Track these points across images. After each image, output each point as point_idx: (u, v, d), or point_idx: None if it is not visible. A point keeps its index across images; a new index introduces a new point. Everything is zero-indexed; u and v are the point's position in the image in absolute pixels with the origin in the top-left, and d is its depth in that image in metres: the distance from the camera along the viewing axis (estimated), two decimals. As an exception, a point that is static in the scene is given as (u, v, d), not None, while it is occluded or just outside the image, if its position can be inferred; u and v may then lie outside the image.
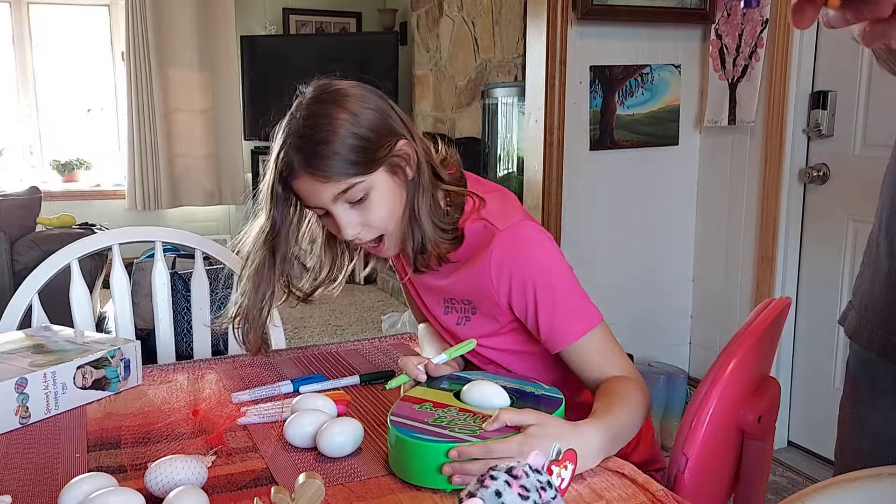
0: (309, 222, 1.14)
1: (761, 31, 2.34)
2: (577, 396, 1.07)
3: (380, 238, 1.05)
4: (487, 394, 0.90)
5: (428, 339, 1.20)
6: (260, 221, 1.08)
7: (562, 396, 0.92)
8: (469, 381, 0.95)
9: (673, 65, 2.58)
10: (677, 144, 2.64)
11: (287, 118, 1.02)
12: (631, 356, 1.12)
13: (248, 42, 5.20)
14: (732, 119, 2.47)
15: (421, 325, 1.27)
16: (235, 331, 1.14)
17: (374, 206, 1.01)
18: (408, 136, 1.03)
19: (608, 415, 0.90)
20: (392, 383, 1.02)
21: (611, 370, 1.00)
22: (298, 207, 1.09)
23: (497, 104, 3.54)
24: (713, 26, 2.52)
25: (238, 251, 1.13)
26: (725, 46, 2.48)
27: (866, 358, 0.78)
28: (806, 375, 2.41)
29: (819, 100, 2.25)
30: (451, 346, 1.08)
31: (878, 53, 0.72)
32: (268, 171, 1.04)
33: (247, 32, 5.27)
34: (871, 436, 0.77)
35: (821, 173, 2.27)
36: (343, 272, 1.17)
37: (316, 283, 1.16)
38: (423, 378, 1.00)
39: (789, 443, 2.47)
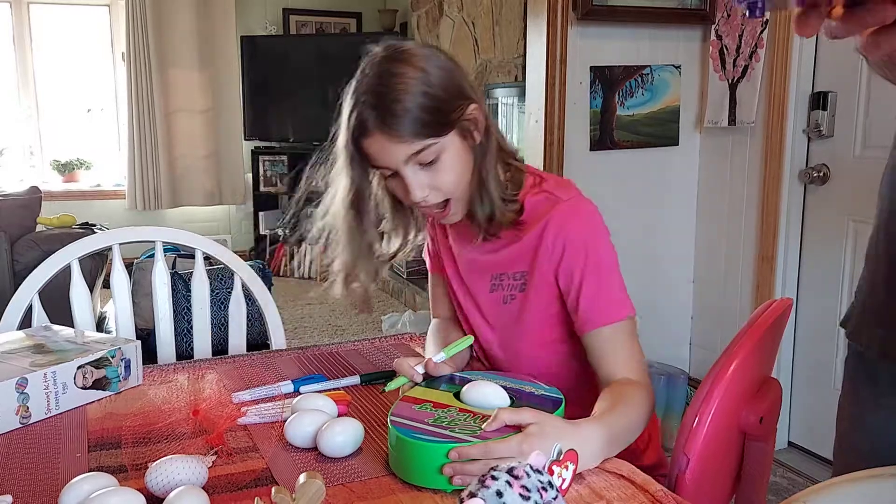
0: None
1: (761, 32, 2.34)
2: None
3: (446, 203, 1.05)
4: (487, 394, 0.90)
5: (435, 337, 1.21)
6: (342, 184, 1.08)
7: (561, 396, 0.92)
8: (469, 381, 0.95)
9: (673, 65, 2.58)
10: (677, 145, 2.64)
11: (356, 77, 1.01)
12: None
13: (248, 42, 5.20)
14: (732, 120, 2.47)
15: (433, 322, 1.27)
16: (343, 295, 1.14)
17: (445, 169, 1.01)
18: (477, 100, 1.04)
19: (609, 415, 0.90)
20: (391, 385, 1.02)
21: (626, 368, 1.00)
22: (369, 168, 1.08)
23: (497, 104, 3.55)
24: (713, 27, 2.52)
25: (324, 218, 1.12)
26: (725, 47, 2.48)
27: (865, 358, 0.78)
28: (806, 376, 2.41)
29: (819, 100, 2.25)
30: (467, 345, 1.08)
31: (876, 62, 0.72)
32: (339, 131, 1.04)
33: (247, 32, 5.27)
34: (869, 436, 0.78)
35: (821, 174, 2.27)
36: (413, 237, 1.17)
37: (393, 248, 1.16)
38: (419, 379, 1.00)
39: (790, 443, 2.47)
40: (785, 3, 0.49)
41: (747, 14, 0.47)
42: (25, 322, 1.35)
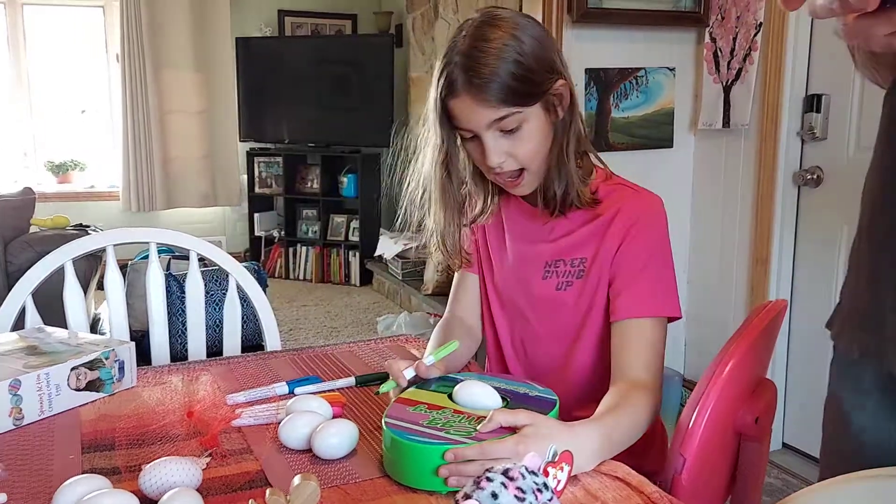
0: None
1: (755, 35, 2.35)
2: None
3: (520, 173, 1.06)
4: (481, 395, 0.90)
5: (438, 339, 1.21)
6: (432, 142, 1.09)
7: (555, 398, 0.92)
8: (463, 383, 0.95)
9: (668, 68, 2.58)
10: (672, 147, 2.64)
11: (452, 39, 1.03)
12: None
13: (243, 44, 5.19)
14: (727, 122, 2.48)
15: (444, 317, 1.27)
16: (441, 253, 1.17)
17: (524, 139, 1.02)
18: (565, 76, 1.05)
19: (608, 418, 0.90)
20: (384, 388, 1.02)
21: (641, 366, 1.00)
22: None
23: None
24: (707, 29, 2.53)
25: (421, 179, 1.14)
26: (720, 49, 2.49)
27: (849, 359, 0.79)
28: (800, 378, 2.41)
29: (813, 103, 2.26)
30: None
31: (859, 58, 0.72)
32: (431, 91, 1.05)
33: (242, 34, 5.27)
34: (855, 437, 0.78)
35: (815, 176, 2.28)
36: (491, 202, 1.18)
37: (475, 211, 1.18)
38: (404, 384, 0.99)
39: (784, 445, 2.48)
40: None
41: None
42: (19, 324, 1.34)
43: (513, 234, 1.17)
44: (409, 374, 0.99)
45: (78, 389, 1.05)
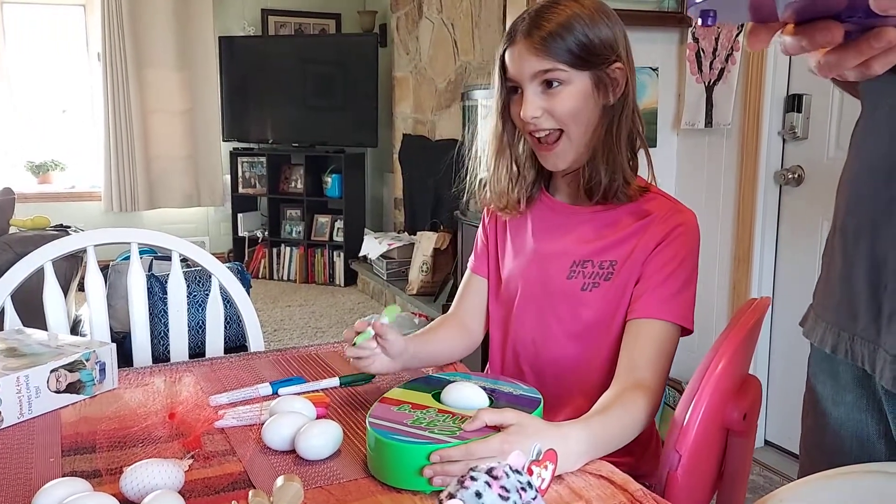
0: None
1: (737, 35, 2.37)
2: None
3: (559, 135, 1.07)
4: (466, 394, 0.90)
5: (430, 326, 1.23)
6: (495, 95, 1.12)
7: (540, 397, 0.92)
8: (448, 382, 0.95)
9: (650, 67, 2.60)
10: (655, 146, 2.66)
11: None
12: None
13: (226, 43, 5.17)
14: (709, 121, 2.50)
15: (443, 316, 1.27)
16: (491, 199, 1.18)
17: (563, 97, 1.04)
18: (627, 66, 1.07)
19: (597, 419, 0.90)
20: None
21: (647, 368, 1.00)
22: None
23: (477, 106, 3.55)
24: (690, 30, 2.54)
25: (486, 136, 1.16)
26: (702, 50, 2.50)
27: (825, 355, 0.80)
28: (782, 375, 2.43)
29: (794, 103, 2.28)
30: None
31: (837, 83, 0.73)
32: (500, 45, 1.08)
33: (225, 33, 5.24)
34: (833, 431, 0.79)
35: (796, 175, 2.30)
36: (534, 189, 1.18)
37: (530, 177, 1.17)
38: (364, 327, 1.01)
39: (766, 442, 2.50)
40: (738, 17, 0.51)
41: (700, 22, 0.48)
42: (-2, 325, 1.33)
43: (539, 232, 1.17)
44: (370, 332, 1.01)
45: (58, 392, 1.03)
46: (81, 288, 1.74)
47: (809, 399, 0.85)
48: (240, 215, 5.30)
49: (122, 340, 1.35)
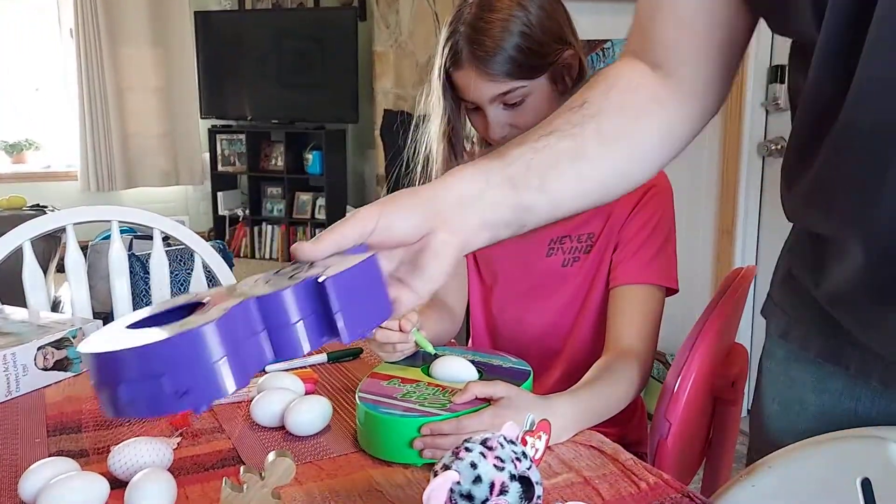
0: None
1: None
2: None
3: None
4: (456, 368, 0.90)
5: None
6: (436, 112, 1.07)
7: (529, 369, 0.92)
8: (437, 356, 0.94)
9: (633, 39, 2.58)
10: (638, 119, 2.65)
11: (458, 6, 1.00)
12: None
13: (202, 18, 5.06)
14: (692, 93, 2.49)
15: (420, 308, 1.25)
16: None
17: (528, 111, 1.01)
18: (575, 45, 1.03)
19: (586, 390, 0.90)
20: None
21: (635, 336, 1.00)
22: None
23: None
24: (673, 1, 2.53)
25: (426, 149, 1.12)
26: (685, 21, 2.49)
27: (772, 335, 0.79)
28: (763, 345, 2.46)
29: (777, 74, 2.28)
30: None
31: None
32: (436, 59, 1.03)
33: (201, 8, 5.13)
34: (815, 418, 0.71)
35: (779, 147, 2.31)
36: None
37: None
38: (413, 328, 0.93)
39: (749, 412, 2.53)
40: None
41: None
42: (-24, 306, 1.30)
43: None
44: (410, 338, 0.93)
45: (45, 369, 1.02)
46: (60, 269, 1.71)
47: (759, 380, 0.83)
48: (220, 194, 5.24)
49: (103, 321, 1.33)
